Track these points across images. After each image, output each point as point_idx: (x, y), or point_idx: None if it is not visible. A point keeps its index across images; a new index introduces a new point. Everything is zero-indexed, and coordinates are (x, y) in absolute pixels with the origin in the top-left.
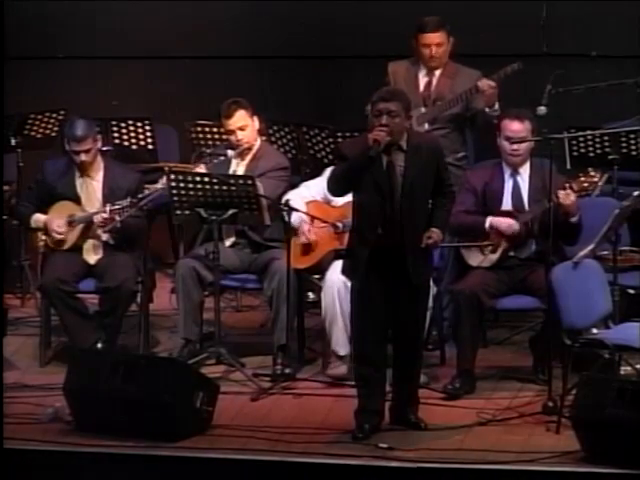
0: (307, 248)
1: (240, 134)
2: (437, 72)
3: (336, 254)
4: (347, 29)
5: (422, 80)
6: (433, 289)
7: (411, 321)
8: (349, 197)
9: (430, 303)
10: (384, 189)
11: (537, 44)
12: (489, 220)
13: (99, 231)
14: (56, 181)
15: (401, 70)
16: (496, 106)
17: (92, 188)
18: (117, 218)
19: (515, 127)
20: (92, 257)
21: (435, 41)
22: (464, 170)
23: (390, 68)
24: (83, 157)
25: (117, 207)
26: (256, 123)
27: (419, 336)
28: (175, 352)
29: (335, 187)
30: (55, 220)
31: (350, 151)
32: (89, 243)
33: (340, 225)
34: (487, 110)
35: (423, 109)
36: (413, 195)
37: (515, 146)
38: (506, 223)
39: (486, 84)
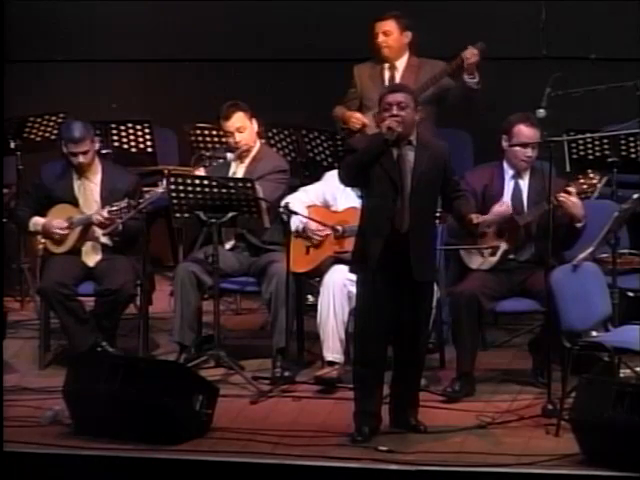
0: (309, 249)
1: (238, 136)
2: (400, 67)
3: (335, 259)
4: (347, 32)
5: (385, 76)
6: (437, 292)
7: (413, 323)
8: (349, 203)
9: (433, 303)
10: (395, 181)
11: (536, 47)
12: (481, 219)
13: (99, 233)
14: (54, 184)
15: (366, 71)
16: (475, 74)
17: (90, 190)
18: (118, 220)
19: (531, 133)
20: (91, 259)
21: (383, 29)
22: None
23: (355, 71)
24: (81, 159)
25: (115, 208)
26: (255, 125)
27: (421, 338)
28: (174, 357)
29: (347, 174)
30: (55, 220)
31: (361, 144)
32: (88, 245)
33: (340, 229)
34: (466, 78)
35: None
36: (422, 191)
37: (529, 152)
38: (500, 210)
39: (471, 53)
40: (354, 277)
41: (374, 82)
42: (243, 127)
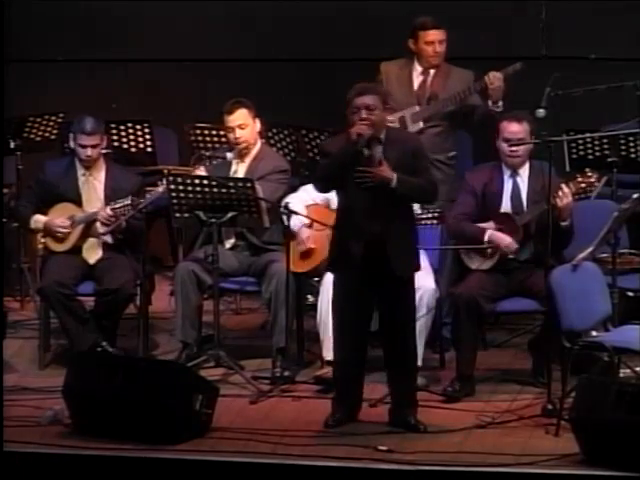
0: (306, 252)
1: (239, 132)
2: (431, 71)
3: None
4: (348, 32)
5: (416, 79)
6: (436, 292)
7: (398, 322)
8: None
9: (433, 303)
10: (367, 181)
11: (536, 46)
12: (488, 234)
13: (102, 230)
14: (58, 180)
15: (394, 70)
16: (500, 102)
17: (94, 187)
18: (122, 218)
19: (514, 128)
20: (92, 256)
21: (439, 38)
22: (453, 168)
23: (383, 68)
24: (89, 152)
25: (118, 206)
26: (257, 125)
27: (407, 337)
28: (174, 356)
29: (321, 182)
30: (57, 219)
31: (333, 148)
32: (89, 242)
33: None
34: (490, 105)
35: (417, 108)
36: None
37: (514, 147)
38: (505, 242)
39: (494, 77)
40: None
41: (401, 84)
42: (245, 124)
